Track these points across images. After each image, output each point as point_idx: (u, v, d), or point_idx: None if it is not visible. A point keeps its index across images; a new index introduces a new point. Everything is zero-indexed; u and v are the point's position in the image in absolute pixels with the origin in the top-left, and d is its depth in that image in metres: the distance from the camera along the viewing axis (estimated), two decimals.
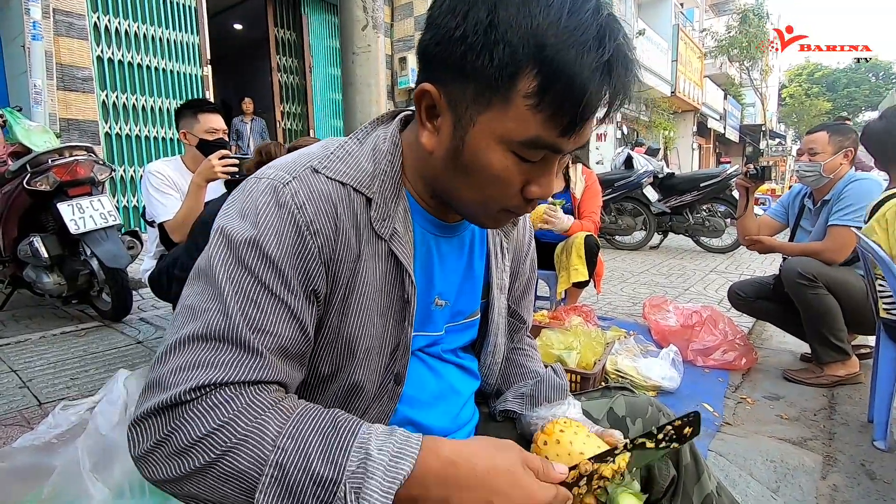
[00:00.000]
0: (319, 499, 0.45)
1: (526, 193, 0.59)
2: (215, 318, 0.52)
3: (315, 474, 0.46)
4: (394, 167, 0.64)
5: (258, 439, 0.47)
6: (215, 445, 0.47)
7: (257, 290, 0.53)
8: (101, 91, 4.95)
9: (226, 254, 0.55)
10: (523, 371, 0.87)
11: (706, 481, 0.86)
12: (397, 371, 0.66)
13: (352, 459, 0.46)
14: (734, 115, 23.47)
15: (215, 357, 0.50)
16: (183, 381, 0.49)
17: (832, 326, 2.11)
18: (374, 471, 0.46)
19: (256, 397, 0.50)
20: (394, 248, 0.62)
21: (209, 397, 0.49)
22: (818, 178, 2.24)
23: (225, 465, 0.46)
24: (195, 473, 0.47)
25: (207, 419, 0.47)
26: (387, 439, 0.49)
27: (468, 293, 0.76)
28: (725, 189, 5.58)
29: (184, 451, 0.47)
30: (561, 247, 2.60)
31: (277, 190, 0.57)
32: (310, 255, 0.56)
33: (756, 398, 2.08)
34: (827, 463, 1.62)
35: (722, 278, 4.42)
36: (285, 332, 0.54)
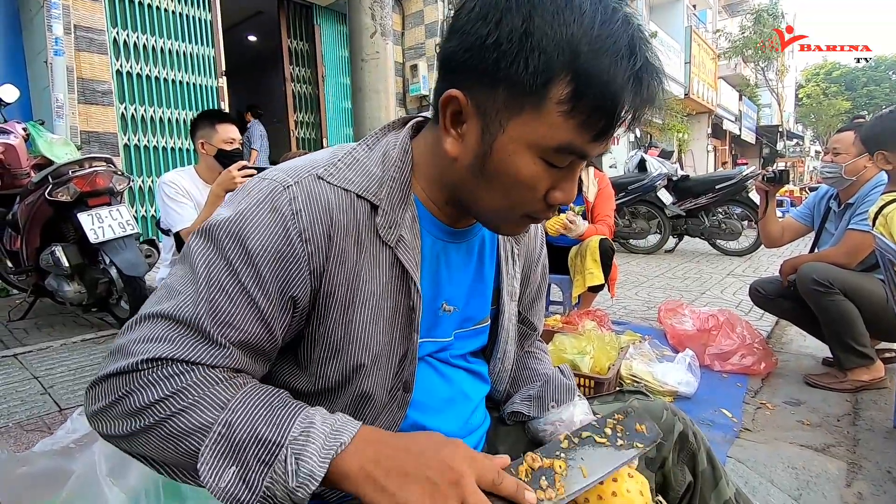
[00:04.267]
0: (261, 459, 0.48)
1: (549, 199, 0.59)
2: (185, 303, 0.54)
3: (260, 435, 0.49)
4: (403, 174, 0.64)
5: (209, 403, 0.51)
6: (166, 408, 0.50)
7: (230, 283, 0.55)
8: (120, 104, 5.07)
9: (208, 242, 0.56)
10: (532, 374, 0.86)
11: (724, 487, 0.84)
12: (406, 379, 0.66)
13: (296, 427, 0.49)
14: (750, 116, 23.14)
15: (177, 336, 0.53)
16: (144, 350, 0.52)
17: (853, 332, 2.05)
18: (316, 437, 0.49)
19: (210, 372, 0.53)
20: (399, 255, 0.62)
21: (166, 367, 0.52)
22: (839, 180, 2.19)
23: (173, 424, 0.50)
24: (143, 432, 0.51)
25: (162, 386, 0.51)
26: (330, 417, 0.52)
27: (478, 299, 0.76)
28: (741, 191, 5.50)
29: (136, 413, 0.51)
30: (575, 251, 2.59)
31: (276, 192, 0.57)
32: (294, 262, 0.56)
33: (776, 403, 2.04)
34: (851, 470, 1.58)
35: (739, 281, 4.34)
36: (250, 329, 0.55)
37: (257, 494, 0.48)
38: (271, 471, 0.47)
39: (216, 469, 0.49)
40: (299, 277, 0.57)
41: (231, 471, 0.48)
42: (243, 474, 0.48)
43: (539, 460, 0.55)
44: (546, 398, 0.77)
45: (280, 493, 0.47)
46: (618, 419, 0.62)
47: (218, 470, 0.49)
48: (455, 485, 0.47)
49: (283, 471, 0.47)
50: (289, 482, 0.47)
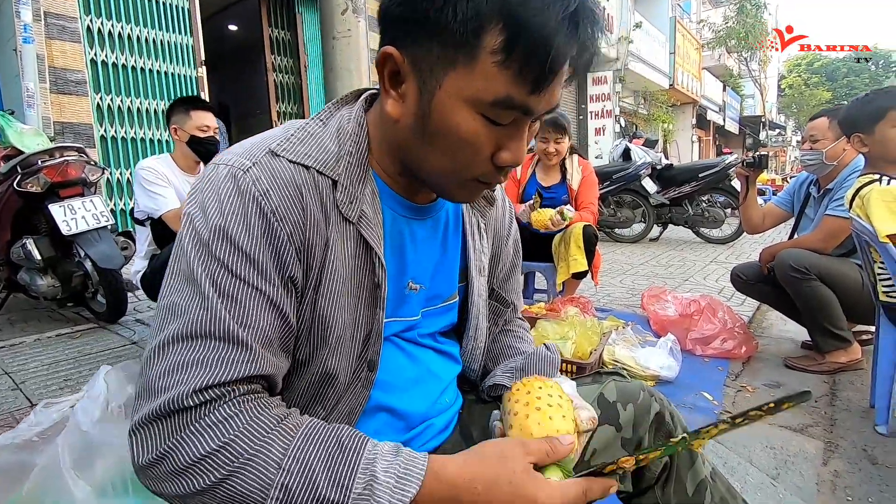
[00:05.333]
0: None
1: (497, 160, 0.57)
2: (198, 314, 0.50)
3: (321, 497, 0.46)
4: (359, 148, 0.62)
5: (262, 461, 0.47)
6: (219, 466, 0.46)
7: (233, 284, 0.52)
8: (96, 94, 4.93)
9: (197, 247, 0.53)
10: (513, 351, 0.84)
11: (700, 467, 0.84)
12: (370, 358, 0.64)
13: (358, 481, 0.46)
14: (734, 106, 23.37)
15: (203, 355, 0.49)
16: (175, 384, 0.48)
17: (830, 316, 2.08)
18: (381, 494, 0.46)
19: (260, 415, 0.49)
20: (362, 230, 0.60)
21: (209, 412, 0.48)
22: (821, 166, 2.21)
23: (230, 486, 0.46)
24: (200, 493, 0.47)
25: (209, 437, 0.47)
26: (393, 460, 0.49)
27: (444, 276, 0.74)
28: (724, 179, 5.54)
29: (187, 469, 0.47)
30: (559, 238, 2.58)
31: (238, 178, 0.55)
32: (280, 243, 0.54)
33: (756, 386, 2.06)
34: (828, 449, 1.60)
35: (722, 268, 4.39)
36: (268, 322, 0.53)
37: None
38: None
39: None
40: (289, 257, 0.55)
41: None
42: None
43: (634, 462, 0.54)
44: (530, 370, 0.76)
45: None
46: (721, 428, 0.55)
47: None
48: None
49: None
50: None
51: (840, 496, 1.37)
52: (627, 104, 14.11)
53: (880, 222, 1.57)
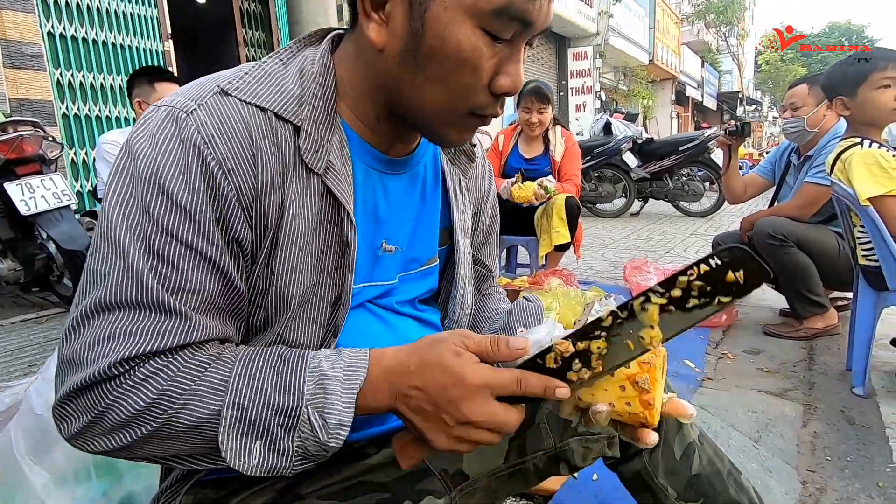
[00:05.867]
0: (284, 425, 0.46)
1: (494, 86, 0.52)
2: (122, 281, 0.45)
3: (275, 404, 0.46)
4: (325, 91, 0.55)
5: (207, 390, 0.46)
6: (159, 414, 0.45)
7: (168, 245, 0.46)
8: (55, 69, 4.67)
9: (125, 201, 0.47)
10: (493, 314, 0.80)
11: (688, 431, 0.82)
12: (337, 324, 0.58)
13: (308, 383, 0.47)
14: (711, 82, 23.49)
15: (132, 325, 0.45)
16: (101, 355, 0.44)
17: (807, 282, 2.11)
18: (333, 387, 0.47)
19: (192, 359, 0.46)
20: (329, 183, 0.54)
21: (138, 371, 0.45)
22: (802, 133, 2.20)
23: (176, 424, 0.45)
24: (144, 439, 0.45)
25: (142, 393, 0.44)
26: (337, 358, 0.49)
27: (423, 238, 0.69)
28: (704, 152, 5.57)
29: (125, 425, 0.45)
30: (541, 210, 2.54)
31: (179, 121, 0.48)
32: (226, 200, 0.48)
33: (737, 353, 2.08)
34: (807, 411, 1.62)
35: (702, 240, 4.44)
36: (210, 287, 0.48)
37: (291, 457, 0.46)
38: (298, 432, 0.46)
39: (241, 450, 0.46)
40: (234, 215, 0.49)
41: (257, 445, 0.46)
42: (271, 444, 0.46)
43: (571, 346, 0.45)
44: (513, 325, 0.72)
45: (313, 448, 0.46)
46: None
47: (243, 450, 0.46)
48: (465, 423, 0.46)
49: (310, 429, 0.46)
50: (320, 437, 0.46)
51: (820, 456, 1.39)
52: (608, 80, 14.05)
53: (861, 185, 1.57)
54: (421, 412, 0.47)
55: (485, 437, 0.47)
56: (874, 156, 1.58)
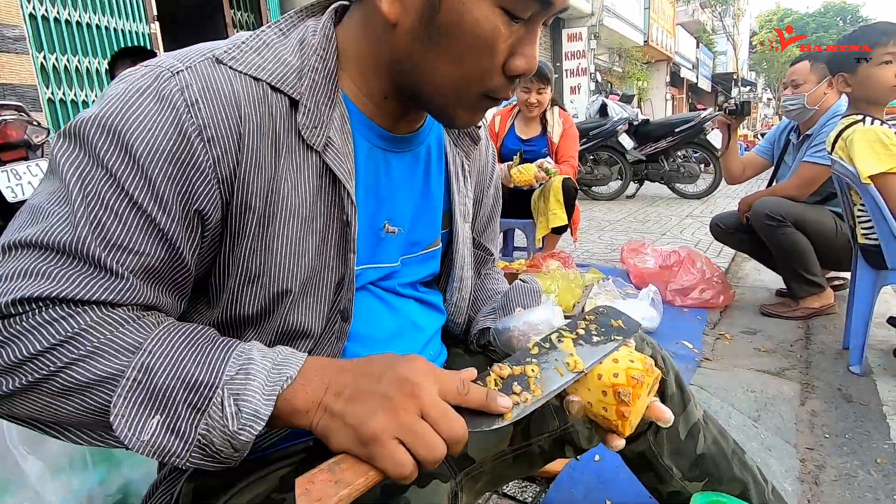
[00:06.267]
0: (192, 404, 0.41)
1: (509, 68, 0.50)
2: (60, 225, 0.42)
3: (188, 377, 0.41)
4: (327, 64, 0.52)
5: (116, 348, 0.41)
6: (56, 359, 0.40)
7: (116, 198, 0.43)
8: (38, 52, 4.55)
9: (75, 145, 0.44)
10: (491, 294, 0.79)
11: (693, 410, 0.82)
12: (343, 307, 0.56)
13: (231, 365, 0.42)
14: (706, 63, 23.33)
15: (57, 269, 0.41)
16: (13, 289, 0.40)
17: (805, 262, 2.11)
18: (256, 374, 0.42)
19: (108, 314, 0.43)
20: (328, 160, 0.51)
21: (42, 312, 0.41)
22: (802, 111, 2.17)
23: (69, 377, 0.40)
24: (28, 389, 0.40)
25: (47, 333, 0.40)
26: (271, 351, 0.45)
27: (426, 220, 0.66)
28: (700, 133, 5.54)
29: (13, 368, 0.40)
30: (538, 193, 2.52)
31: (161, 78, 0.45)
32: (195, 169, 0.45)
33: (734, 333, 2.09)
34: (805, 390, 1.63)
35: (698, 222, 4.43)
36: (150, 251, 0.44)
37: (191, 443, 0.41)
38: (205, 416, 0.40)
39: (135, 420, 0.40)
40: (204, 187, 0.46)
41: (154, 420, 0.40)
42: (170, 423, 0.41)
43: (508, 369, 0.48)
44: (511, 305, 0.70)
45: (219, 440, 0.40)
46: (590, 319, 0.55)
47: (137, 421, 0.40)
48: (412, 396, 0.41)
49: (220, 415, 0.40)
50: (229, 425, 0.40)
51: (818, 434, 1.40)
52: (602, 61, 13.91)
53: (862, 163, 1.55)
54: (359, 398, 0.42)
55: (431, 440, 0.40)
56: (876, 133, 1.56)
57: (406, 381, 0.42)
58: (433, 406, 0.41)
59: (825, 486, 1.19)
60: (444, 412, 0.41)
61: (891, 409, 1.47)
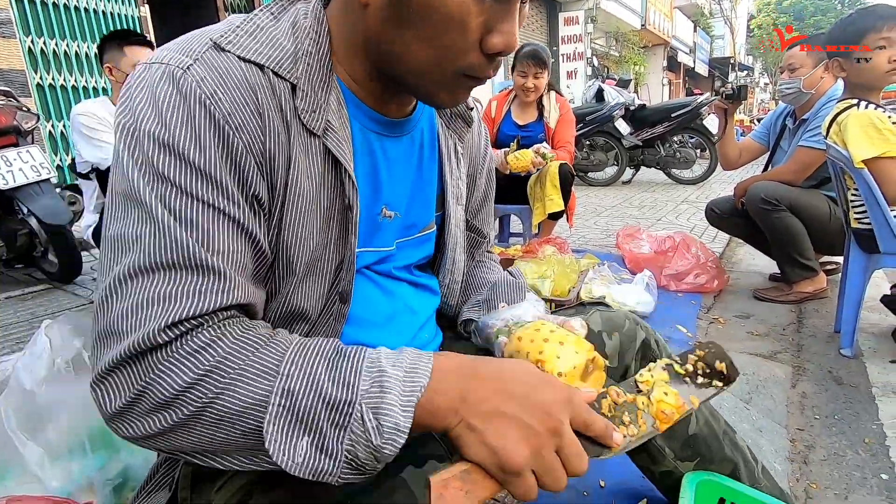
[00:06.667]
0: (334, 422, 0.41)
1: (486, 46, 0.48)
2: (156, 242, 0.42)
3: (327, 397, 0.41)
4: (320, 48, 0.52)
5: (256, 373, 0.42)
6: (205, 391, 0.41)
7: (189, 205, 0.43)
8: (26, 36, 4.47)
9: (139, 165, 0.44)
10: (480, 282, 0.80)
11: None
12: (342, 289, 0.57)
13: (364, 378, 0.42)
14: (704, 48, 23.17)
15: (170, 288, 0.42)
16: (142, 322, 0.41)
17: (798, 246, 2.12)
18: (391, 386, 0.42)
19: (245, 335, 0.44)
20: (329, 144, 0.51)
21: (184, 343, 0.41)
22: (798, 95, 2.16)
23: (219, 407, 0.41)
24: (184, 423, 0.41)
25: (188, 367, 0.41)
26: (398, 356, 0.45)
27: (421, 203, 0.66)
28: (696, 118, 5.52)
29: (166, 405, 0.41)
30: (534, 178, 2.51)
31: (177, 78, 0.45)
32: (239, 155, 0.45)
33: (728, 318, 2.11)
34: (796, 373, 1.66)
35: (693, 208, 4.45)
36: (237, 247, 0.46)
37: (339, 461, 0.41)
38: (349, 432, 0.41)
39: (287, 444, 0.41)
40: (250, 173, 0.47)
41: (304, 442, 0.41)
42: (318, 442, 0.41)
43: (623, 395, 0.51)
44: (495, 300, 0.71)
45: (363, 454, 0.41)
46: (699, 355, 0.57)
47: (289, 444, 0.41)
48: (554, 434, 0.42)
49: (362, 430, 0.41)
50: (372, 440, 0.41)
51: (808, 415, 1.42)
52: (599, 46, 13.79)
53: (855, 147, 1.56)
54: (500, 420, 0.42)
55: (560, 476, 0.41)
56: (869, 117, 1.57)
57: (550, 416, 0.42)
58: (571, 444, 0.42)
59: (814, 465, 1.22)
60: (578, 452, 0.43)
61: (880, 391, 1.50)
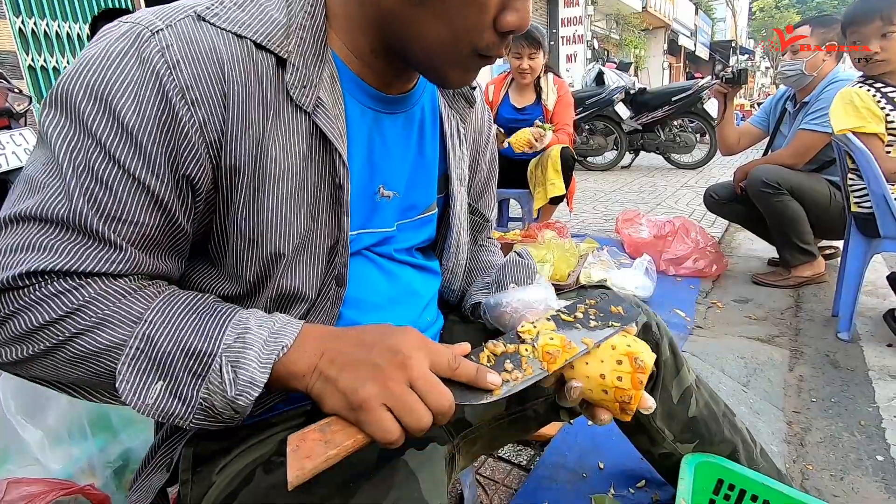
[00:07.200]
0: (192, 371, 0.43)
1: (500, 23, 0.47)
2: (56, 198, 0.43)
3: (187, 347, 0.43)
4: (315, 20, 0.50)
5: (120, 319, 0.43)
6: (65, 329, 0.42)
7: (108, 169, 0.43)
8: (15, 17, 4.37)
9: (62, 113, 0.43)
10: (486, 265, 0.79)
11: (685, 375, 0.83)
12: (338, 272, 0.56)
13: (228, 333, 0.44)
14: (705, 31, 22.90)
15: (55, 242, 0.42)
16: (18, 262, 0.42)
17: (798, 230, 2.12)
18: (253, 342, 0.43)
19: (112, 284, 0.44)
20: (318, 121, 0.50)
21: (49, 285, 0.42)
22: (800, 77, 2.14)
23: (77, 346, 0.42)
24: (40, 356, 0.43)
25: (55, 304, 0.42)
26: (268, 319, 0.46)
27: (422, 184, 0.65)
28: (697, 102, 5.47)
29: (25, 336, 0.43)
30: (535, 162, 2.49)
31: (141, 39, 0.44)
32: (181, 134, 0.44)
33: (726, 302, 2.11)
34: (794, 356, 1.66)
35: (692, 192, 4.43)
36: (147, 220, 0.45)
37: (193, 406, 0.43)
38: (206, 382, 0.42)
39: (139, 386, 0.43)
40: (190, 152, 0.45)
41: (158, 385, 0.43)
42: (173, 388, 0.43)
43: (502, 346, 0.49)
44: (504, 281, 0.70)
45: (219, 403, 0.43)
46: (590, 303, 0.56)
47: (141, 386, 0.43)
48: (401, 367, 0.42)
49: (219, 381, 0.42)
50: (227, 391, 0.42)
51: (805, 398, 1.43)
52: (599, 28, 13.61)
53: (834, 119, 1.65)
54: (352, 366, 0.43)
55: (418, 410, 0.41)
56: (851, 95, 1.64)
57: (397, 352, 0.43)
58: (422, 377, 0.42)
59: (810, 447, 1.23)
60: (433, 384, 0.42)
61: (876, 374, 1.51)
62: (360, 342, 0.45)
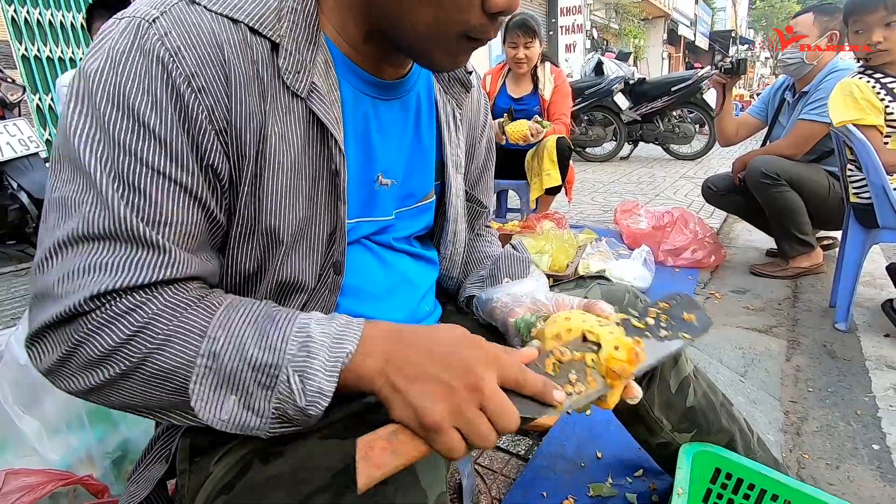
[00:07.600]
0: (261, 384, 0.42)
1: (488, 4, 0.46)
2: (95, 212, 0.41)
3: (253, 360, 0.42)
4: (306, 5, 0.50)
5: (184, 334, 0.42)
6: (134, 351, 0.41)
7: (139, 172, 0.42)
8: (8, 5, 4.32)
9: (87, 123, 0.42)
10: (481, 256, 0.79)
11: (683, 365, 0.83)
12: (336, 260, 0.55)
13: (291, 343, 0.43)
14: (705, 20, 22.76)
15: (108, 258, 0.41)
16: (76, 289, 0.41)
17: (796, 221, 2.11)
18: (318, 351, 0.42)
19: (174, 297, 0.43)
20: (314, 107, 0.49)
21: (114, 305, 0.41)
22: (801, 66, 2.12)
23: (149, 367, 0.42)
24: (117, 380, 0.42)
25: (119, 327, 0.41)
26: (329, 322, 0.45)
27: (419, 171, 0.65)
28: (696, 92, 5.44)
29: (99, 362, 0.42)
30: (532, 153, 2.48)
31: (141, 30, 0.43)
32: (197, 123, 0.44)
33: (724, 293, 2.11)
34: (791, 346, 1.67)
35: (691, 183, 4.43)
36: (187, 219, 0.44)
37: (267, 417, 0.42)
38: (276, 392, 0.42)
39: (213, 402, 0.42)
40: (207, 141, 0.45)
41: (231, 399, 0.42)
42: (246, 401, 0.42)
43: (569, 353, 0.48)
44: (499, 275, 0.70)
45: (292, 412, 0.42)
46: (662, 308, 0.54)
47: (215, 402, 0.42)
48: (474, 389, 0.41)
49: (288, 391, 0.42)
50: (298, 401, 0.42)
51: (802, 388, 1.44)
52: (598, 17, 13.50)
53: (832, 110, 1.64)
54: (422, 380, 0.42)
55: (486, 433, 0.40)
56: (850, 86, 1.63)
57: (469, 371, 0.42)
58: (493, 399, 0.41)
59: (807, 436, 1.23)
60: (502, 407, 0.41)
61: (873, 364, 1.51)
62: (430, 353, 0.43)
